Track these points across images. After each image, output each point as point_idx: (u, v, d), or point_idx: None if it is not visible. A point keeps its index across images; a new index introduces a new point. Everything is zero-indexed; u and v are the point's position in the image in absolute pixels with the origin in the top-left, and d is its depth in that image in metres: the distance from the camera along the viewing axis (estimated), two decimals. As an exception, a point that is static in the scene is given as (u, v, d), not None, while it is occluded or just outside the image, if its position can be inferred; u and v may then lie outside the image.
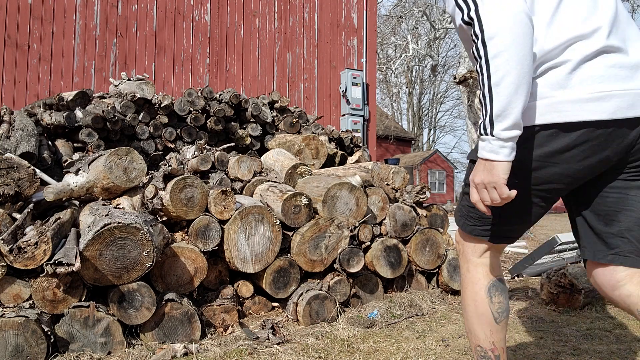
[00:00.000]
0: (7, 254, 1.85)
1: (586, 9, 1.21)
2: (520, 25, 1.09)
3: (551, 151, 1.21)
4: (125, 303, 2.04)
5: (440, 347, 2.14)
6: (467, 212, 1.40)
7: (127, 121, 3.69)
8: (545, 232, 7.43)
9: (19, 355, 1.82)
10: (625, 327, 2.49)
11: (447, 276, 3.10)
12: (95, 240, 1.95)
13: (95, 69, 5.73)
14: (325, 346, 2.14)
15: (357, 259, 2.76)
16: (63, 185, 2.38)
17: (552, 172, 1.24)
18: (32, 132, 3.01)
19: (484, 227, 1.37)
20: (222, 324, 2.41)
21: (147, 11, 6.03)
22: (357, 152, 4.37)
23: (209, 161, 3.25)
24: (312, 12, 7.03)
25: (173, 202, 2.38)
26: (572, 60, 1.17)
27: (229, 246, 2.46)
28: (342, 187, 2.82)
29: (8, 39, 5.33)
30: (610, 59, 1.18)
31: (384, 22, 19.15)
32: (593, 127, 1.17)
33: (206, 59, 6.31)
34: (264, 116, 4.29)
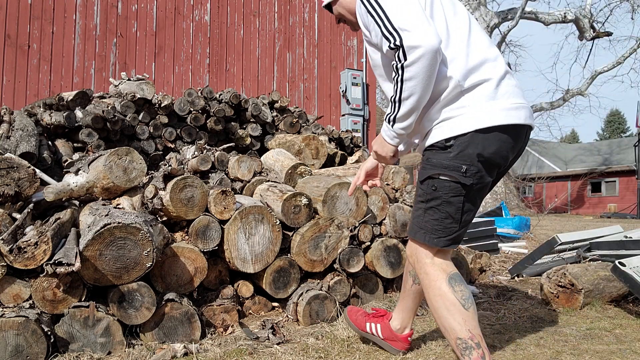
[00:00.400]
0: (7, 254, 1.85)
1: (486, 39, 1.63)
2: (431, 62, 1.41)
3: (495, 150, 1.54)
4: (125, 303, 2.04)
5: (440, 347, 2.14)
6: (434, 227, 1.59)
7: (127, 121, 3.69)
8: (545, 232, 7.43)
9: (19, 355, 1.82)
10: (625, 327, 2.49)
11: (447, 276, 3.10)
12: (95, 240, 1.95)
13: (95, 69, 5.73)
14: (325, 346, 2.14)
15: (357, 259, 2.76)
16: (63, 185, 2.38)
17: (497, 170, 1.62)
18: (32, 132, 3.01)
19: (447, 237, 1.60)
20: (222, 324, 2.41)
21: (147, 11, 6.03)
22: (357, 152, 4.37)
23: (209, 161, 3.25)
24: (312, 12, 7.03)
25: (173, 202, 2.38)
26: (493, 78, 1.54)
27: (229, 246, 2.46)
28: (342, 187, 2.82)
29: (8, 39, 5.33)
30: (511, 79, 1.59)
31: (384, 22, 19.12)
32: (515, 130, 1.55)
33: (206, 59, 6.32)
34: (264, 116, 4.29)
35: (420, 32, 1.41)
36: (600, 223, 11.35)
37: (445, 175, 1.54)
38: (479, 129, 1.50)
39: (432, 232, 1.59)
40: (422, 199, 1.61)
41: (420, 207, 1.62)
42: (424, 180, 1.60)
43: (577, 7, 15.68)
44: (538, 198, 23.46)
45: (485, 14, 14.98)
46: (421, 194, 1.61)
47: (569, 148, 30.74)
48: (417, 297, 1.97)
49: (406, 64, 1.42)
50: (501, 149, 1.55)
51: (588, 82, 14.35)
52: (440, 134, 1.55)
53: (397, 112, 1.50)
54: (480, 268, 3.90)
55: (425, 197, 1.60)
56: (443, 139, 1.54)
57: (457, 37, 1.55)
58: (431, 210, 1.59)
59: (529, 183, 22.16)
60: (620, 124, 43.86)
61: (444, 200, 1.56)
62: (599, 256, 3.37)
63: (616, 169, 23.71)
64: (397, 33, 1.43)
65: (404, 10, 1.46)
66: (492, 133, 1.52)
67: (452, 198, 1.55)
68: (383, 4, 1.50)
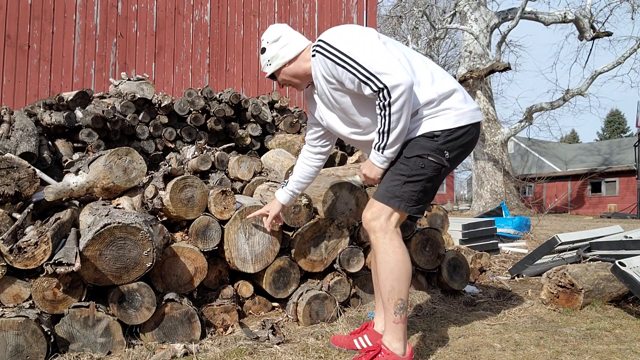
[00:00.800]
0: (7, 254, 1.85)
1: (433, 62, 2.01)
2: (410, 95, 1.71)
3: (467, 141, 1.92)
4: (125, 303, 2.04)
5: (440, 347, 2.14)
6: (411, 197, 1.86)
7: (127, 121, 3.69)
8: (546, 232, 7.42)
9: (19, 355, 1.82)
10: (625, 327, 2.49)
11: (447, 276, 3.10)
12: (95, 240, 1.95)
13: (95, 69, 5.73)
14: (325, 346, 2.14)
15: (357, 259, 2.76)
16: (63, 185, 2.38)
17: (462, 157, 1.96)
18: (32, 132, 3.01)
19: (418, 206, 1.89)
20: (222, 324, 2.41)
21: (147, 11, 6.03)
22: (357, 152, 4.37)
23: (209, 161, 3.25)
24: (312, 12, 7.03)
25: (173, 202, 2.38)
26: (457, 88, 1.92)
27: (229, 246, 2.46)
28: (342, 187, 2.82)
29: (8, 39, 5.33)
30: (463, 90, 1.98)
31: (384, 22, 19.14)
32: (479, 126, 1.96)
33: (206, 59, 6.32)
34: (264, 116, 4.29)
35: (397, 73, 1.69)
36: (600, 223, 11.35)
37: (432, 157, 1.84)
38: (460, 125, 1.87)
39: (407, 201, 1.86)
40: (404, 172, 1.86)
41: (399, 178, 1.86)
42: (411, 157, 1.85)
43: (577, 7, 15.70)
44: (538, 198, 23.47)
45: (485, 14, 14.98)
46: (404, 168, 1.86)
47: (569, 148, 30.74)
48: None
49: (392, 101, 1.70)
50: (473, 141, 1.95)
51: (588, 82, 14.34)
52: (429, 127, 1.86)
53: (387, 141, 1.78)
54: (480, 268, 3.90)
55: (408, 171, 1.85)
56: (431, 130, 1.85)
57: (417, 64, 1.90)
58: (412, 184, 1.85)
59: (529, 183, 22.16)
60: (620, 124, 43.85)
61: (427, 176, 1.86)
62: (599, 256, 3.37)
63: (616, 169, 23.71)
64: (377, 78, 1.69)
65: (377, 57, 1.73)
66: (468, 128, 1.89)
67: (432, 176, 1.87)
68: (353, 55, 1.74)
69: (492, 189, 14.49)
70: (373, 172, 1.89)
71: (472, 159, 15.51)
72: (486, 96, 15.09)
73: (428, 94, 1.85)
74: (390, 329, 1.85)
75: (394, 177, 1.87)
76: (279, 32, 1.99)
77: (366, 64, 1.72)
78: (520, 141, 28.92)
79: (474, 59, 15.07)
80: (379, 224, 1.86)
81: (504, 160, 14.72)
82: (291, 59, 1.96)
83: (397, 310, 1.83)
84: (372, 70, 1.70)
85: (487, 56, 14.23)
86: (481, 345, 2.17)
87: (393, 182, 1.86)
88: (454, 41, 23.47)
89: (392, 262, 1.84)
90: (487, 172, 14.67)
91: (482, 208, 13.80)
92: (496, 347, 2.16)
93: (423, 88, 1.86)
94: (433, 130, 1.85)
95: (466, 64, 15.25)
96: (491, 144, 14.75)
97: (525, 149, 28.80)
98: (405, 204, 1.85)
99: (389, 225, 1.87)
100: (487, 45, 14.52)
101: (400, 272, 1.84)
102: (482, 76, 14.34)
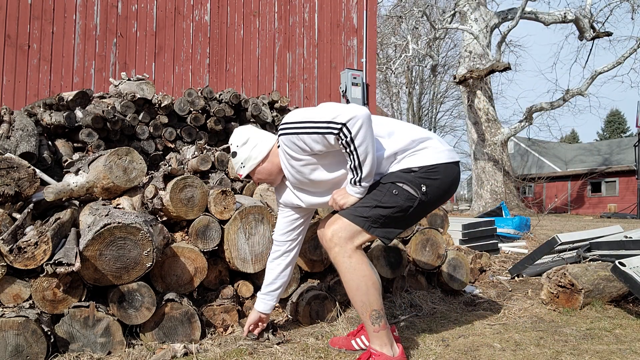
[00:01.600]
0: (7, 254, 1.85)
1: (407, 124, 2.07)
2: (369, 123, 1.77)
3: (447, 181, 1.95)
4: (125, 303, 2.04)
5: (440, 347, 2.14)
6: (378, 219, 1.88)
7: (127, 121, 3.69)
8: (545, 232, 7.43)
9: (19, 355, 1.82)
10: (625, 327, 2.49)
11: (447, 276, 3.10)
12: (95, 240, 1.95)
13: (95, 69, 5.73)
14: (325, 346, 2.14)
15: (357, 259, 2.75)
16: (63, 185, 2.38)
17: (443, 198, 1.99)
18: (32, 132, 3.01)
19: (384, 229, 1.91)
20: (222, 324, 2.41)
21: (147, 11, 6.03)
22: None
23: (209, 161, 3.25)
24: (312, 12, 7.03)
25: (173, 202, 2.38)
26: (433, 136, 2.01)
27: (229, 246, 2.46)
28: (342, 187, 2.82)
29: (8, 39, 5.33)
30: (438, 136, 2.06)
31: (384, 22, 19.14)
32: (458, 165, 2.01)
33: (206, 59, 6.32)
34: (264, 116, 4.29)
35: (348, 110, 1.76)
36: (600, 223, 11.35)
37: (407, 186, 1.89)
38: (439, 163, 1.92)
39: (372, 222, 1.89)
40: (376, 197, 1.89)
41: (370, 202, 1.89)
42: (385, 183, 1.90)
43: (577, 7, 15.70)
44: (538, 198, 23.48)
45: (485, 14, 14.98)
46: (377, 194, 1.90)
47: (569, 148, 30.73)
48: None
49: (353, 135, 1.74)
50: (454, 182, 1.98)
51: (588, 82, 14.34)
52: (406, 164, 1.92)
53: (362, 174, 1.82)
54: (480, 268, 3.90)
55: (381, 196, 1.89)
56: (408, 167, 1.91)
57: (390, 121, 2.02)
58: (381, 209, 1.88)
59: (529, 183, 22.16)
60: (620, 124, 43.84)
61: (399, 204, 1.89)
62: (599, 256, 3.37)
63: (616, 169, 23.70)
64: (332, 122, 1.76)
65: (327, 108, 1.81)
66: (445, 166, 1.94)
67: (406, 206, 1.89)
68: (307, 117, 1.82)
69: (492, 189, 14.49)
70: (347, 201, 1.91)
71: (472, 159, 15.51)
72: (486, 96, 15.09)
73: (403, 139, 1.93)
74: (373, 337, 1.89)
75: (366, 200, 1.90)
76: (246, 134, 2.06)
77: (319, 117, 1.79)
78: (520, 141, 28.92)
79: (474, 59, 15.07)
80: (339, 241, 1.89)
81: (504, 160, 14.72)
82: (263, 157, 2.03)
83: (374, 321, 1.87)
84: (326, 119, 1.77)
85: (487, 56, 14.23)
86: (481, 345, 2.17)
87: (364, 204, 1.90)
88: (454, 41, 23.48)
89: (356, 279, 1.86)
90: (487, 172, 14.67)
91: (482, 208, 13.80)
92: (496, 347, 2.16)
93: (398, 135, 1.95)
94: (410, 167, 1.91)
95: (466, 64, 15.25)
96: (491, 144, 14.75)
97: (525, 149, 28.80)
98: (369, 224, 1.88)
99: (350, 243, 1.88)
100: (487, 45, 14.52)
101: (367, 286, 1.86)
102: (482, 76, 14.34)
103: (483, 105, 14.94)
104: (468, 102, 15.28)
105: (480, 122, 14.99)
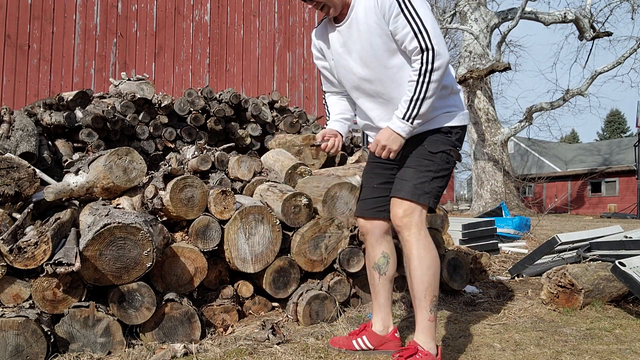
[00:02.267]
0: (7, 254, 1.85)
1: None
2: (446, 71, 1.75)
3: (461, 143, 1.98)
4: (125, 303, 2.04)
5: (440, 347, 2.14)
6: (437, 192, 1.86)
7: (127, 121, 3.69)
8: (545, 232, 7.42)
9: (19, 355, 1.82)
10: (625, 327, 2.49)
11: (447, 276, 3.10)
12: (95, 240, 1.95)
13: (95, 69, 5.73)
14: (325, 346, 2.14)
15: (357, 259, 2.75)
16: (63, 185, 2.38)
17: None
18: (32, 132, 3.01)
19: (438, 201, 1.91)
20: (222, 324, 2.41)
21: (147, 11, 6.03)
22: (357, 152, 4.37)
23: (209, 161, 3.25)
24: (312, 12, 7.02)
25: (173, 202, 2.38)
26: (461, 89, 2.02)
27: (229, 246, 2.46)
28: (342, 187, 2.82)
29: (8, 39, 5.33)
30: None
31: (384, 22, 19.08)
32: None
33: (206, 59, 6.31)
34: (264, 116, 4.29)
35: (443, 46, 1.72)
36: (600, 223, 11.35)
37: (453, 152, 1.89)
38: (465, 124, 1.95)
39: (435, 197, 1.86)
40: (431, 168, 1.85)
41: (427, 175, 1.85)
42: (437, 152, 1.87)
43: (577, 7, 15.68)
44: (538, 198, 23.46)
45: (485, 14, 14.98)
46: (430, 164, 1.86)
47: (569, 148, 30.73)
48: (387, 289, 2.10)
49: (435, 68, 1.70)
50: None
51: (588, 82, 14.33)
52: (445, 122, 1.89)
53: (419, 110, 1.73)
54: (480, 268, 3.90)
55: (435, 167, 1.85)
56: (447, 126, 1.89)
57: None
58: (438, 179, 1.86)
59: (529, 183, 22.15)
60: (620, 124, 43.82)
61: (449, 171, 1.90)
62: (599, 256, 3.36)
63: (616, 169, 23.70)
64: (430, 41, 1.70)
65: (434, 23, 1.73)
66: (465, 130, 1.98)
67: (451, 170, 1.92)
68: (418, 9, 1.73)
69: (492, 189, 14.49)
70: (394, 143, 1.80)
71: (472, 159, 15.50)
72: (486, 96, 15.08)
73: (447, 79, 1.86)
74: (424, 328, 1.82)
75: (421, 173, 1.84)
76: None
77: (427, 24, 1.71)
78: (520, 141, 28.91)
79: (474, 59, 15.06)
80: (413, 220, 1.83)
81: (504, 160, 14.72)
82: None
83: (432, 308, 1.82)
84: (430, 33, 1.70)
85: (487, 56, 14.22)
86: (481, 345, 2.17)
87: (421, 179, 1.84)
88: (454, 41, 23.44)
89: (429, 258, 1.82)
90: (487, 172, 14.67)
91: (482, 208, 13.79)
92: (496, 347, 2.16)
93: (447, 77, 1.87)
94: (450, 126, 1.89)
95: (466, 64, 15.24)
96: (491, 144, 14.75)
97: (525, 149, 28.80)
98: (433, 200, 1.85)
99: (423, 222, 1.85)
100: (487, 45, 14.51)
101: (437, 268, 1.84)
102: (482, 76, 14.33)
103: (483, 105, 14.93)
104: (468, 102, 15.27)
105: (480, 122, 14.99)
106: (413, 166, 1.87)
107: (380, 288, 2.10)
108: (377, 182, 2.07)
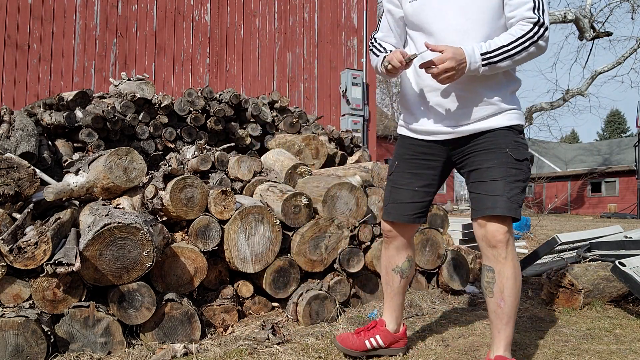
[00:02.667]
0: (7, 254, 1.85)
1: None
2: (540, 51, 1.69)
3: None
4: (125, 303, 2.04)
5: (440, 347, 2.14)
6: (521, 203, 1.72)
7: (127, 121, 3.69)
8: (546, 232, 7.43)
9: (19, 355, 1.82)
10: (625, 327, 2.49)
11: (447, 276, 3.10)
12: (95, 240, 1.95)
13: (95, 69, 5.73)
14: (325, 346, 2.14)
15: (357, 259, 2.76)
16: (63, 185, 2.38)
17: None
18: (32, 132, 3.01)
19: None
20: (222, 324, 2.41)
21: (147, 11, 6.03)
22: (357, 152, 4.36)
23: (209, 161, 3.25)
24: (312, 12, 7.03)
25: (173, 202, 2.38)
26: None
27: (229, 246, 2.46)
28: (342, 187, 2.82)
29: (8, 39, 5.33)
30: None
31: (384, 22, 19.09)
32: None
33: (206, 59, 6.31)
34: (264, 116, 4.29)
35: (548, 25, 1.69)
36: (600, 223, 11.35)
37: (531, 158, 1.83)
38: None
39: (520, 207, 1.74)
40: (520, 177, 1.73)
41: (518, 185, 1.72)
42: (523, 160, 1.75)
43: (577, 7, 15.68)
44: (538, 198, 23.45)
45: (485, 14, 14.96)
46: (518, 173, 1.73)
47: (569, 148, 30.73)
48: (404, 291, 2.10)
49: (539, 43, 1.65)
50: None
51: (588, 82, 14.35)
52: (517, 120, 1.79)
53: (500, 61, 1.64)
54: (480, 268, 3.89)
55: (523, 176, 1.74)
56: (520, 124, 1.80)
57: None
58: (524, 190, 1.74)
59: (529, 183, 22.16)
60: (620, 124, 43.83)
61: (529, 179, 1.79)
62: (599, 256, 3.36)
63: (616, 169, 23.70)
64: (543, 15, 1.66)
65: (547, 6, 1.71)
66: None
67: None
68: None
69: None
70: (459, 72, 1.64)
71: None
72: (486, 96, 15.06)
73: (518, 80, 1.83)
74: (508, 344, 1.77)
75: (512, 184, 1.71)
76: None
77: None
78: (520, 141, 28.86)
79: (474, 59, 15.04)
80: (510, 236, 1.74)
81: (504, 160, 14.69)
82: None
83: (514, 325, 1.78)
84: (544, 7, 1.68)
85: (487, 56, 14.20)
86: (481, 345, 2.17)
87: (513, 190, 1.71)
88: (454, 41, 23.37)
89: (519, 279, 1.75)
90: (487, 172, 14.64)
91: (482, 208, 13.75)
92: (496, 347, 2.16)
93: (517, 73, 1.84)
94: (520, 124, 1.80)
95: (466, 64, 15.21)
96: (491, 144, 14.72)
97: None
98: (520, 211, 1.75)
99: (512, 239, 1.75)
100: (487, 45, 14.50)
101: (519, 285, 1.76)
102: (482, 76, 14.31)
103: (483, 105, 14.92)
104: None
105: (480, 122, 14.98)
106: (501, 177, 1.71)
107: (399, 290, 2.07)
108: (418, 185, 1.91)
